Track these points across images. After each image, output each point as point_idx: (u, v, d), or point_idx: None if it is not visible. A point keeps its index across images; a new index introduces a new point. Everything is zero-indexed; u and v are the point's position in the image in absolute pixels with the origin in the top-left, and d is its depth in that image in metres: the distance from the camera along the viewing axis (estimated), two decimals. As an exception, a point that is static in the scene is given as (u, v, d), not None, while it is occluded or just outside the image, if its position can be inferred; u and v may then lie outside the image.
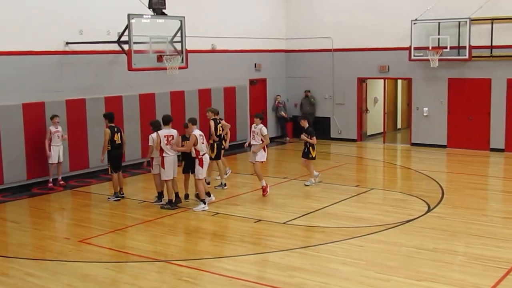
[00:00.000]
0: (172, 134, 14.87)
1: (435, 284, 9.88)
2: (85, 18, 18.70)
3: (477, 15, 21.76)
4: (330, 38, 25.45)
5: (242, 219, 14.04)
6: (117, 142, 15.92)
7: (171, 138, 14.78)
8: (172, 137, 14.81)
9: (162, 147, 14.72)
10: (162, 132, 14.82)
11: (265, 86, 26.25)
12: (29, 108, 17.37)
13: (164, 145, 14.69)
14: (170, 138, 14.77)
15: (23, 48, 17.34)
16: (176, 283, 10.22)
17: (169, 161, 14.80)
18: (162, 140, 14.67)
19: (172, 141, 14.76)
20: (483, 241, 12.09)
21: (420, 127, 23.95)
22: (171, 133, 14.87)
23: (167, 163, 14.79)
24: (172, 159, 14.85)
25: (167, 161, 14.79)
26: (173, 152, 14.85)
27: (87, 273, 10.75)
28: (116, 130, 15.98)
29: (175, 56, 18.34)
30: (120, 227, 13.59)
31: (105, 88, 19.51)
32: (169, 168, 14.83)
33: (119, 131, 16.06)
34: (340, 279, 10.20)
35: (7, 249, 12.37)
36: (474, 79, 22.57)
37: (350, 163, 21.45)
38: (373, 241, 12.23)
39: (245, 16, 24.79)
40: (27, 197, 16.59)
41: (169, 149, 14.75)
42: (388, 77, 25.15)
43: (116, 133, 15.92)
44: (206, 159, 14.70)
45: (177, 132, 15.06)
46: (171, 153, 14.82)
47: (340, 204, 15.33)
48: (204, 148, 14.64)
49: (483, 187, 17.50)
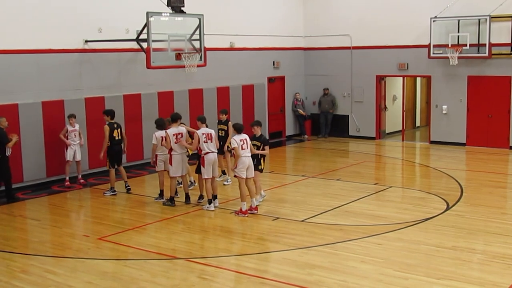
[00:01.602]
0: (181, 132, 14.88)
1: (454, 282, 9.83)
2: (104, 16, 18.81)
3: (497, 13, 21.62)
4: (349, 36, 25.38)
5: (261, 216, 14.05)
6: (116, 138, 16.28)
7: (180, 136, 14.80)
8: (181, 135, 14.83)
9: (171, 145, 14.81)
10: (171, 130, 14.87)
11: (283, 84, 26.23)
12: (48, 106, 17.49)
13: (173, 143, 14.75)
14: (179, 136, 14.79)
15: (42, 46, 17.47)
16: (195, 280, 10.25)
17: (177, 159, 14.86)
18: (171, 138, 14.71)
19: (181, 139, 14.80)
20: (503, 239, 12.02)
21: (439, 125, 23.83)
22: (179, 131, 14.89)
23: (175, 161, 14.87)
24: (180, 157, 14.87)
25: (175, 159, 14.86)
26: (181, 150, 14.86)
27: (106, 270, 10.81)
28: (116, 126, 16.34)
29: (194, 54, 18.38)
30: (139, 225, 13.64)
31: (124, 86, 19.61)
32: (177, 165, 14.90)
33: (119, 127, 16.43)
34: (359, 277, 10.18)
35: (27, 246, 12.45)
36: (494, 77, 22.42)
37: (369, 161, 21.38)
38: (392, 239, 12.19)
39: (263, 14, 24.79)
40: (47, 194, 16.69)
41: (178, 147, 14.78)
42: (407, 74, 25.05)
43: (116, 129, 16.30)
44: (207, 158, 14.60)
45: (185, 130, 15.07)
46: (180, 151, 14.84)
47: (359, 202, 15.30)
48: (205, 147, 14.59)
49: (502, 185, 17.38)
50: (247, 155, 14.12)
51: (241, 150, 13.94)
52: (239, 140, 13.98)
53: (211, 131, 14.70)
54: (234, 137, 14.14)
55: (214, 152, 14.67)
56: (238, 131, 14.17)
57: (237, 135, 14.13)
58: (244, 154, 14.01)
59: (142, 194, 16.65)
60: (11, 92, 16.81)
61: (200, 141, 14.48)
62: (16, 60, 16.96)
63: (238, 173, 14.08)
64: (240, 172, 14.04)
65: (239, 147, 13.89)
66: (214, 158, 14.68)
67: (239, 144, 13.90)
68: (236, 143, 13.89)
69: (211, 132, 14.68)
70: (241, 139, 14.04)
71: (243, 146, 14.01)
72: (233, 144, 13.92)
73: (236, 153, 13.91)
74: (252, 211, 14.19)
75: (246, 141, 14.14)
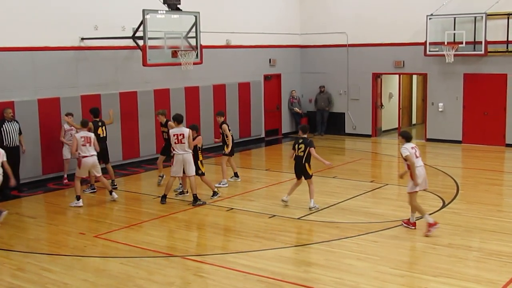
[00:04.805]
0: (182, 132, 14.85)
1: (450, 280, 9.85)
2: (100, 14, 18.79)
3: (493, 10, 21.65)
4: (345, 33, 25.38)
5: (257, 214, 14.06)
6: (101, 135, 16.47)
7: (181, 137, 14.77)
8: (182, 136, 14.78)
9: (172, 145, 14.84)
10: (172, 131, 14.88)
11: (279, 82, 26.23)
12: (44, 103, 17.47)
13: (173, 143, 14.76)
14: (180, 136, 14.77)
15: (38, 43, 17.45)
16: (191, 278, 10.26)
17: (177, 159, 14.89)
18: (172, 138, 14.73)
19: (183, 140, 14.78)
20: (499, 237, 12.04)
21: (435, 122, 23.86)
22: (181, 131, 14.87)
23: (175, 161, 14.94)
24: (180, 157, 14.85)
25: (176, 159, 14.91)
26: (182, 150, 14.83)
27: (102, 268, 10.81)
28: (100, 124, 16.58)
29: (190, 51, 18.39)
30: (135, 222, 13.64)
31: (120, 83, 19.60)
32: (177, 165, 14.93)
33: (103, 125, 16.68)
34: (355, 274, 10.19)
35: (23, 244, 12.43)
36: (490, 75, 22.45)
37: (365, 158, 21.41)
38: (388, 236, 12.21)
39: (259, 12, 24.78)
40: (43, 192, 16.69)
41: (179, 147, 14.77)
42: (403, 72, 25.08)
43: (100, 127, 16.54)
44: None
45: (189, 131, 15.04)
46: (180, 152, 14.83)
47: (355, 199, 15.31)
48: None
49: (498, 182, 17.43)
50: (421, 164, 12.59)
51: (415, 159, 12.41)
52: (411, 148, 12.43)
53: (91, 135, 15.02)
54: (405, 145, 12.44)
55: (93, 155, 15.02)
56: (407, 139, 12.55)
57: (407, 143, 12.50)
58: (418, 163, 12.46)
59: (138, 192, 16.64)
60: (6, 89, 16.77)
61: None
62: (12, 58, 16.93)
63: (413, 188, 12.56)
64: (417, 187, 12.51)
65: (412, 155, 12.31)
66: (92, 162, 14.99)
67: (411, 153, 12.31)
68: (408, 151, 12.31)
69: (90, 136, 14.96)
70: (412, 147, 12.49)
71: (416, 154, 12.49)
72: (405, 153, 12.30)
73: (410, 161, 12.31)
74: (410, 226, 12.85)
75: (417, 149, 12.66)
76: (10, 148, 15.85)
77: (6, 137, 16.00)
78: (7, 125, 16.08)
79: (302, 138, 14.26)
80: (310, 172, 14.38)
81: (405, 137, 12.62)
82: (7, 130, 16.05)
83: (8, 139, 16.02)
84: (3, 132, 16.00)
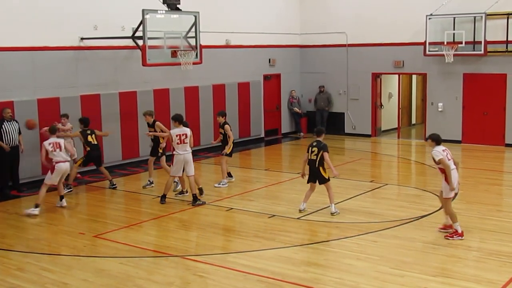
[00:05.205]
0: (185, 132, 14.85)
1: (450, 280, 9.85)
2: (100, 14, 18.79)
3: (493, 10, 21.64)
4: (345, 33, 25.37)
5: (256, 214, 14.05)
6: (93, 142, 16.59)
7: (184, 137, 14.77)
8: (185, 136, 14.79)
9: (173, 145, 14.85)
10: (174, 131, 14.87)
11: (279, 82, 26.22)
12: (44, 103, 17.45)
13: (175, 143, 14.75)
14: (183, 136, 14.77)
15: (38, 43, 17.44)
16: (191, 278, 10.25)
17: (177, 159, 14.88)
18: (174, 139, 14.72)
19: (185, 140, 14.77)
20: (498, 237, 12.04)
21: (435, 122, 23.84)
22: (183, 131, 14.86)
23: (175, 161, 14.94)
24: (181, 157, 14.84)
25: (177, 159, 14.90)
26: (183, 150, 14.83)
27: (102, 268, 10.80)
28: (89, 132, 16.64)
29: (189, 51, 18.38)
30: (134, 222, 13.63)
31: (120, 83, 19.59)
32: (178, 165, 14.92)
33: (93, 133, 16.69)
34: (355, 274, 10.19)
35: (22, 244, 12.42)
36: (490, 74, 22.45)
37: (365, 158, 21.40)
38: (388, 236, 12.20)
39: (259, 11, 24.77)
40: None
41: (181, 147, 14.76)
42: (403, 72, 25.09)
43: (90, 135, 16.59)
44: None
45: (190, 130, 15.03)
46: (181, 152, 14.82)
47: (355, 199, 15.31)
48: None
49: (498, 182, 17.43)
50: (454, 167, 12.02)
51: (448, 161, 11.89)
52: (442, 151, 11.95)
53: (60, 141, 14.83)
54: (436, 148, 11.94)
55: (67, 161, 14.85)
56: (438, 142, 12.03)
57: (437, 146, 12.01)
58: (451, 166, 11.92)
59: (137, 192, 16.63)
60: (6, 89, 16.76)
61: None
62: (12, 58, 16.92)
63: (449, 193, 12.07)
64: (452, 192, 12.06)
65: (445, 158, 11.84)
66: (65, 168, 14.79)
67: (444, 155, 11.84)
68: (440, 154, 11.85)
69: (59, 141, 14.77)
70: (444, 150, 11.98)
71: (448, 157, 11.96)
72: (438, 156, 11.82)
73: (444, 164, 11.82)
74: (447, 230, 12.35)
75: (449, 152, 12.11)
76: (9, 148, 15.94)
77: (5, 137, 16.01)
78: (6, 125, 16.08)
79: (316, 141, 13.88)
80: (325, 175, 13.94)
81: (435, 140, 12.05)
82: (7, 130, 16.05)
83: (7, 139, 16.03)
84: (2, 132, 16.01)
